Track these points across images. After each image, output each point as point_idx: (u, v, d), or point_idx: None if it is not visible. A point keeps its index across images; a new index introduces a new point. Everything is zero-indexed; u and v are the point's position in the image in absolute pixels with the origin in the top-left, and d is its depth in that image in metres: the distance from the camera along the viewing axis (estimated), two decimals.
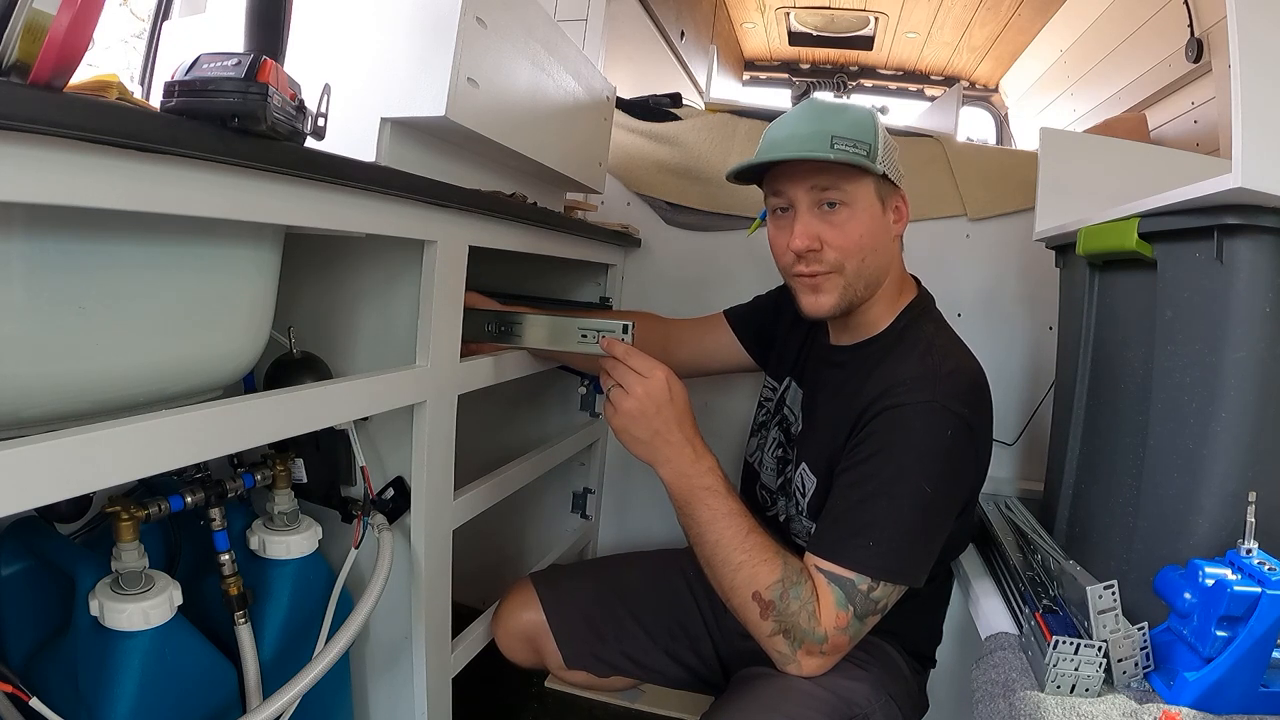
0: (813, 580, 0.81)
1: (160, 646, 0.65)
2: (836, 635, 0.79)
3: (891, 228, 0.91)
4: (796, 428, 1.02)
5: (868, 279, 0.90)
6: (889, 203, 0.90)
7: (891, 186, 0.89)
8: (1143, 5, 1.91)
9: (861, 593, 0.79)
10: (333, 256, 0.90)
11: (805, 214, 0.88)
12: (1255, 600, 0.60)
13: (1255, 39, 0.61)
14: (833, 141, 0.84)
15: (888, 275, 0.92)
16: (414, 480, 0.88)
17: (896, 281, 0.95)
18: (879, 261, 0.90)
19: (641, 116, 1.70)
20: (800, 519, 0.96)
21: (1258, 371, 0.65)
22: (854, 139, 0.85)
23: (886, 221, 0.90)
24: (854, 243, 0.87)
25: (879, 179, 0.87)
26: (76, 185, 0.46)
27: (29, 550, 0.72)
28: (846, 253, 0.87)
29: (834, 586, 0.80)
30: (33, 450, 0.45)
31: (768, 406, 1.10)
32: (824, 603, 0.80)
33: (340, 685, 0.90)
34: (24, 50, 0.42)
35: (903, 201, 0.92)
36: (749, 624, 0.81)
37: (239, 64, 0.54)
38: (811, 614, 0.79)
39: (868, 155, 0.85)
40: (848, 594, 0.79)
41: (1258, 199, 0.61)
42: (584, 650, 1.09)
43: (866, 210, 0.87)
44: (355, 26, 0.89)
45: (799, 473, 0.96)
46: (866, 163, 0.84)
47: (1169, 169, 1.18)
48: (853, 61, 3.15)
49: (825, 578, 0.80)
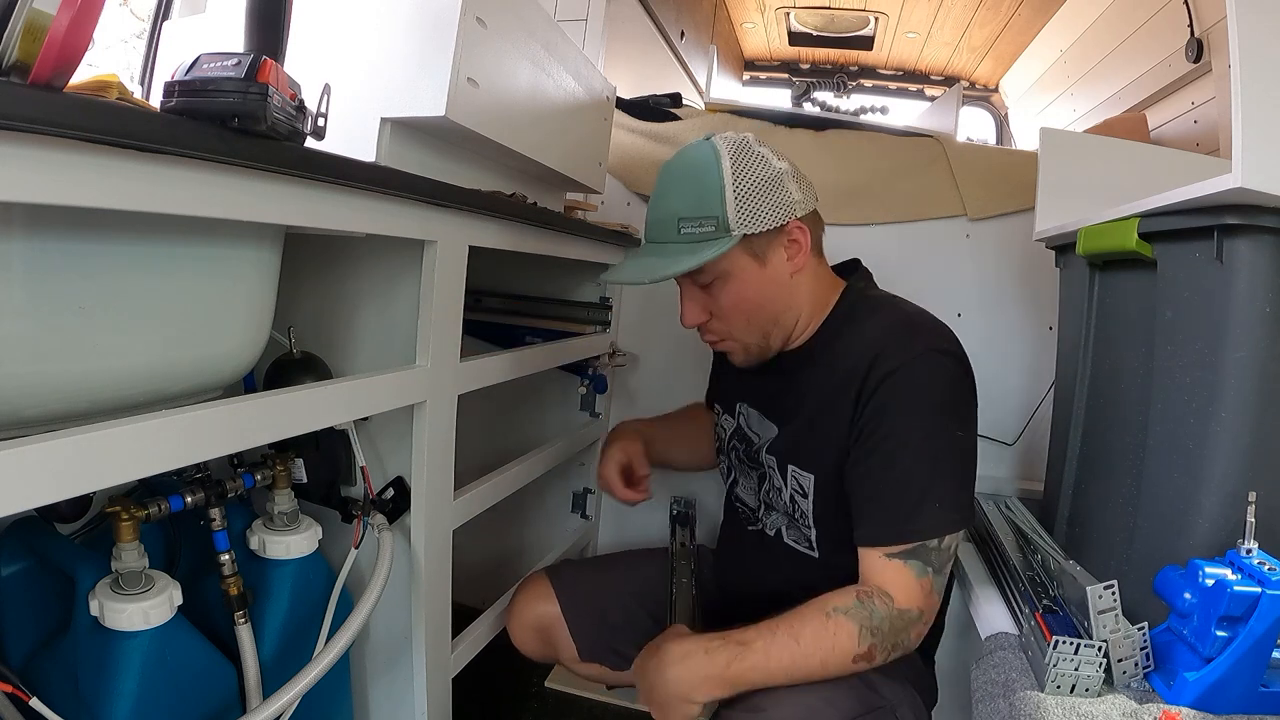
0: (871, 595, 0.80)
1: (160, 646, 0.66)
2: (927, 599, 0.81)
3: (781, 270, 0.89)
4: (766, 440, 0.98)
5: (764, 329, 0.91)
6: (770, 248, 0.87)
7: (768, 235, 0.86)
8: (1143, 5, 1.91)
9: (934, 549, 0.80)
10: (333, 256, 0.90)
11: (686, 294, 0.92)
12: (1255, 600, 0.60)
13: (1255, 39, 0.60)
14: (680, 226, 0.85)
15: (797, 310, 0.92)
16: (414, 480, 0.88)
17: (814, 301, 0.93)
18: (771, 310, 0.90)
19: (641, 116, 1.70)
20: (800, 527, 0.94)
21: (1258, 371, 0.65)
22: (700, 217, 0.84)
23: (772, 270, 0.88)
24: (735, 309, 0.89)
25: (746, 239, 0.85)
26: (76, 185, 0.46)
27: (29, 550, 0.72)
28: (729, 321, 0.90)
29: (909, 562, 0.80)
30: (33, 450, 0.45)
31: (722, 438, 1.08)
32: (903, 585, 0.80)
33: (340, 685, 0.90)
34: (24, 50, 0.42)
35: (799, 231, 0.88)
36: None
37: (239, 64, 0.55)
38: (900, 613, 0.80)
39: (715, 230, 0.84)
40: (923, 560, 0.80)
41: (1258, 199, 0.61)
42: (599, 643, 1.09)
43: (739, 276, 0.87)
44: (355, 26, 0.89)
45: (790, 477, 0.93)
46: (703, 257, 0.83)
47: (1169, 169, 1.18)
48: (853, 61, 3.15)
49: (899, 559, 0.80)
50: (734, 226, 0.84)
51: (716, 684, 0.81)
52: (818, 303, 0.93)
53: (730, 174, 0.84)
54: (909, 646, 0.82)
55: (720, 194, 0.84)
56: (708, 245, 0.84)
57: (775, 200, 0.85)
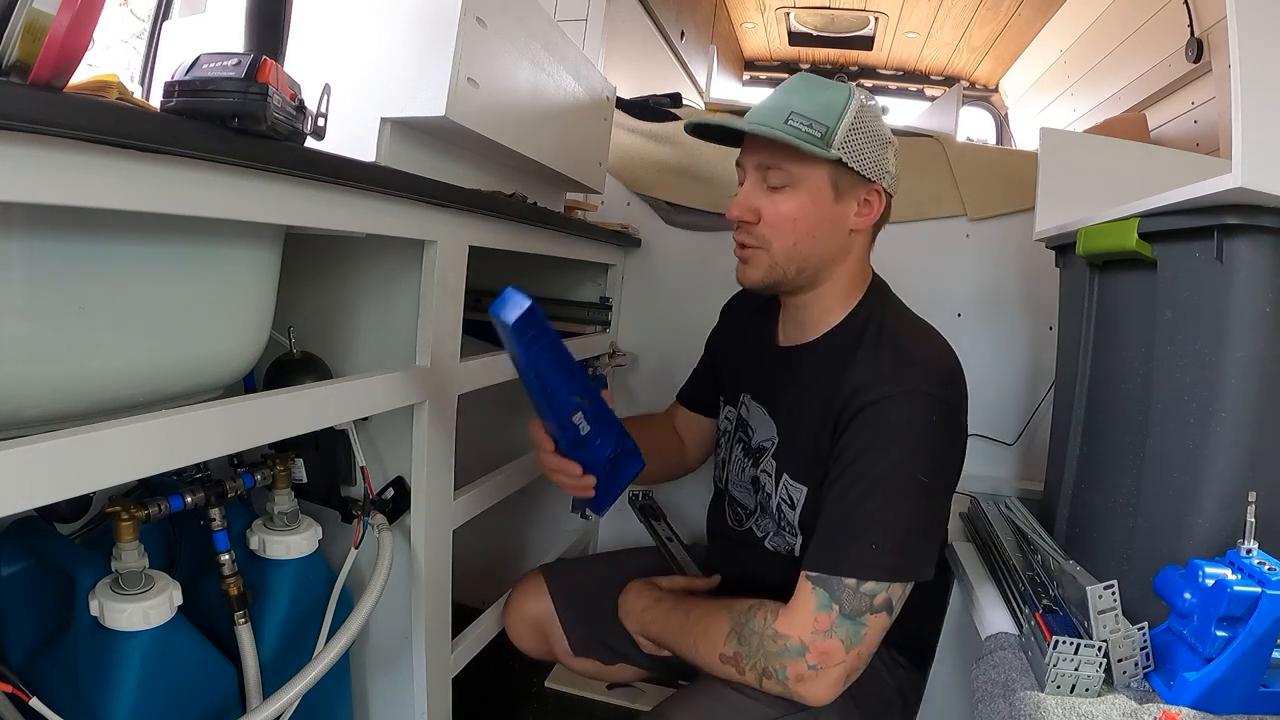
0: (765, 607, 0.80)
1: (160, 646, 0.66)
2: (818, 640, 0.76)
3: (847, 218, 0.86)
4: (763, 440, 0.97)
5: (800, 263, 0.87)
6: (850, 192, 0.86)
7: (858, 177, 0.85)
8: (1143, 5, 1.91)
9: (849, 589, 0.76)
10: (333, 256, 0.90)
11: (748, 187, 0.88)
12: (1255, 600, 0.60)
13: (1255, 39, 0.60)
14: (789, 117, 0.82)
15: (833, 267, 0.89)
16: (414, 480, 0.88)
17: (851, 276, 0.91)
18: (818, 249, 0.87)
19: (641, 116, 1.70)
20: (785, 534, 0.93)
21: (1258, 371, 0.65)
22: (811, 119, 0.81)
23: (839, 210, 0.86)
24: (785, 222, 0.85)
25: (835, 165, 0.83)
26: (76, 185, 0.46)
27: (29, 550, 0.72)
28: (775, 231, 0.86)
29: (817, 590, 0.77)
30: (33, 450, 0.45)
31: (726, 430, 1.07)
32: (796, 610, 0.77)
33: (340, 685, 0.90)
34: (24, 50, 0.42)
35: (877, 196, 0.87)
36: (743, 687, 0.80)
37: (239, 64, 0.55)
38: (774, 634, 0.77)
39: (821, 138, 0.81)
40: (831, 594, 0.76)
41: (1258, 199, 0.61)
42: (590, 637, 1.09)
43: (809, 193, 0.84)
44: (355, 26, 0.89)
45: (781, 486, 0.92)
46: (801, 143, 0.80)
47: (1169, 169, 1.18)
48: (853, 61, 3.15)
49: (810, 585, 0.78)
50: (836, 145, 0.82)
51: (634, 621, 0.96)
52: (849, 280, 0.91)
53: (854, 109, 0.83)
54: (786, 684, 0.77)
55: (840, 114, 0.82)
56: (808, 143, 0.81)
57: (877, 155, 0.85)
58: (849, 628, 0.76)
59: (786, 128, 0.81)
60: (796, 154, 0.82)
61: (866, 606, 0.76)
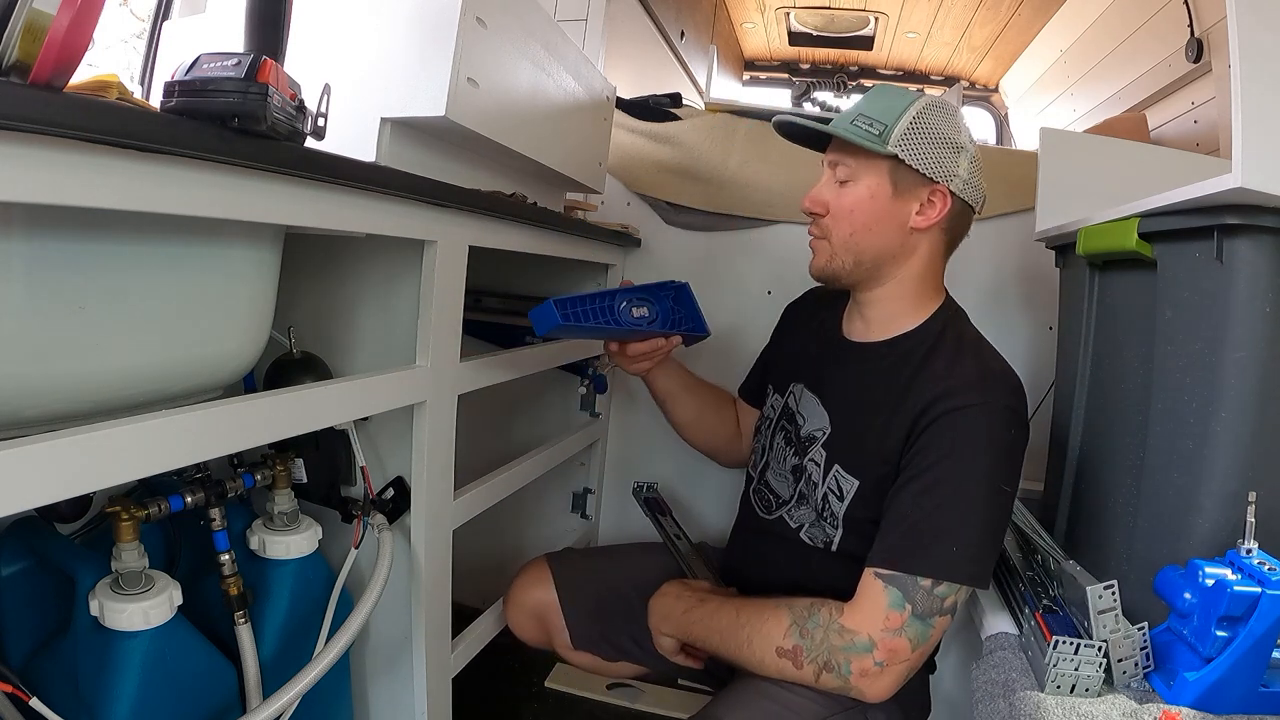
0: (829, 604, 0.80)
1: (160, 646, 0.66)
2: (888, 637, 0.77)
3: (907, 216, 0.89)
4: (814, 429, 0.98)
5: (857, 254, 0.90)
6: (911, 191, 0.88)
7: (918, 177, 0.87)
8: (1143, 5, 1.91)
9: (924, 590, 0.77)
10: (333, 256, 0.90)
11: (823, 182, 0.94)
12: (1255, 600, 0.60)
13: (1255, 39, 0.60)
14: (856, 118, 0.88)
15: (895, 266, 0.91)
16: (414, 480, 0.88)
17: (919, 279, 0.93)
18: (874, 242, 0.89)
19: (641, 116, 1.69)
20: (825, 525, 0.93)
21: (1258, 371, 0.65)
22: (873, 119, 0.87)
23: (898, 207, 0.88)
24: (844, 214, 0.90)
25: (894, 162, 0.87)
26: (76, 185, 0.46)
27: (29, 550, 0.72)
28: (836, 222, 0.91)
29: (889, 588, 0.78)
30: (33, 450, 0.45)
31: (769, 417, 1.07)
32: (866, 605, 0.78)
33: (340, 685, 0.90)
34: (24, 50, 0.42)
35: (940, 198, 0.88)
36: (799, 685, 0.81)
37: (239, 64, 0.55)
38: (840, 628, 0.78)
39: (879, 136, 0.86)
40: (904, 593, 0.77)
41: (1258, 199, 0.61)
42: (593, 632, 1.08)
43: (868, 188, 0.89)
44: (355, 26, 0.89)
45: (831, 476, 0.92)
46: (859, 139, 0.85)
47: (1169, 169, 1.18)
48: (853, 61, 3.15)
49: (882, 582, 0.78)
50: (892, 143, 0.86)
51: (674, 625, 0.94)
52: (919, 283, 0.93)
53: (916, 110, 0.87)
54: (847, 679, 0.78)
55: (899, 114, 0.87)
56: (865, 140, 0.87)
57: (940, 156, 0.87)
58: (919, 628, 0.77)
59: (851, 127, 0.88)
60: (859, 150, 0.88)
61: (937, 608, 0.78)
